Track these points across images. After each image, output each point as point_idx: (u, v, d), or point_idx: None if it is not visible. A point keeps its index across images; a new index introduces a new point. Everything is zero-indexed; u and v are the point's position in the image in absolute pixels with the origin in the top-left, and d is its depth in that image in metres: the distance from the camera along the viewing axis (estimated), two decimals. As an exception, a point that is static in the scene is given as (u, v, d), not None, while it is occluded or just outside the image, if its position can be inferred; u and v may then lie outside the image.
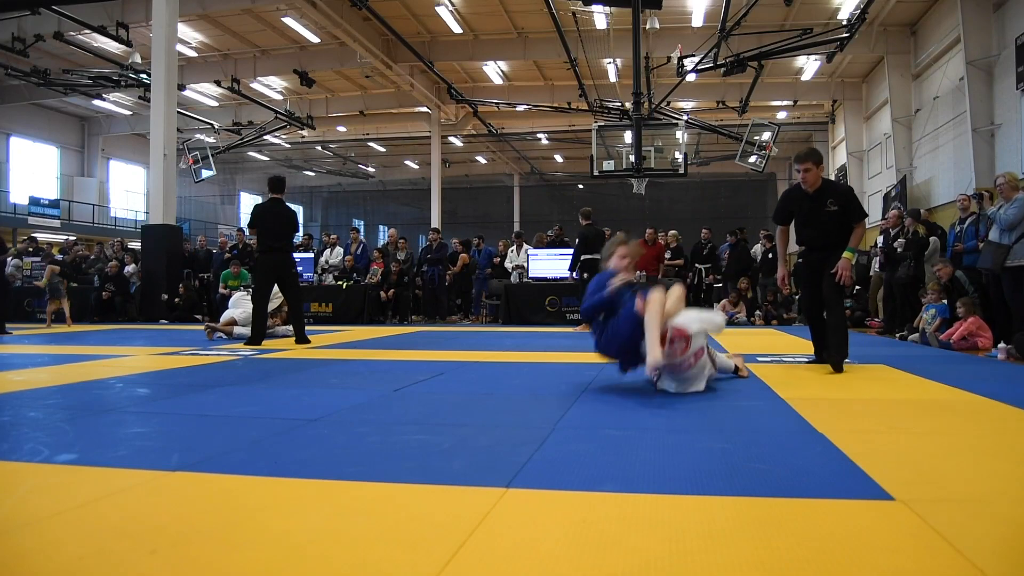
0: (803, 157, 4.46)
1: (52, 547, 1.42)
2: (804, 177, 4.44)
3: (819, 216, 4.43)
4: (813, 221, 4.49)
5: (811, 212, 4.48)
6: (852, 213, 4.43)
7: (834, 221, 4.42)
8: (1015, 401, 3.13)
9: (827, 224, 4.43)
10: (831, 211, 4.40)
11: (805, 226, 4.58)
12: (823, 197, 4.43)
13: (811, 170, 4.42)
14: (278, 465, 2.08)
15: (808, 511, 1.62)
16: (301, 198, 31.44)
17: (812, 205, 4.47)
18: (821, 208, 4.41)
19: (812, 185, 4.45)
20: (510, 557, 1.35)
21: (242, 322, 7.56)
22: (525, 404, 3.16)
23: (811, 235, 4.56)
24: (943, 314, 7.02)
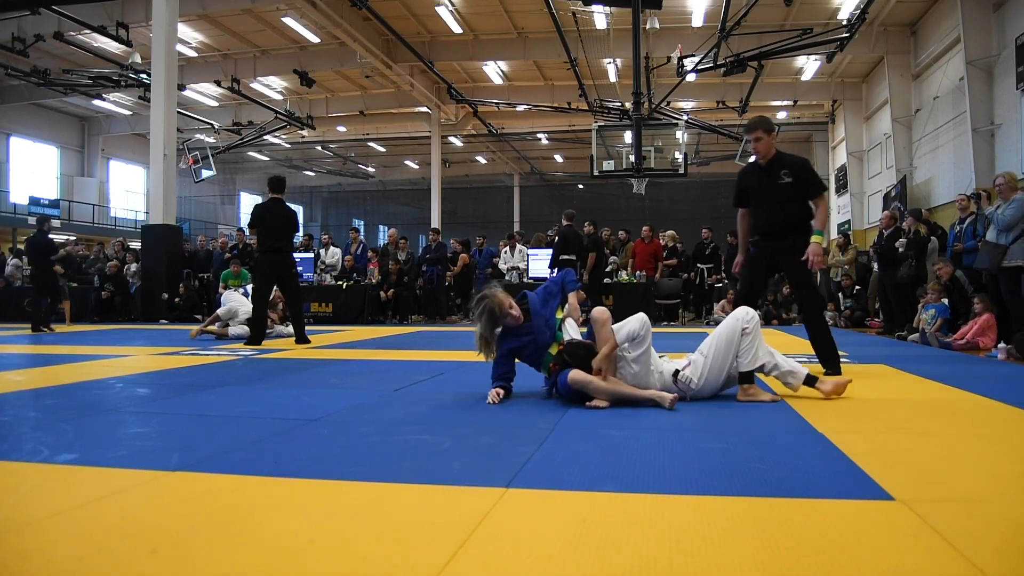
0: (753, 126, 4.16)
1: (52, 547, 1.42)
2: (756, 147, 4.15)
3: (773, 190, 4.12)
4: (767, 196, 4.16)
5: (764, 186, 4.16)
6: (808, 186, 4.12)
7: (788, 196, 4.10)
8: (1015, 401, 3.13)
9: (781, 199, 4.11)
10: (785, 183, 4.08)
11: (759, 204, 4.25)
12: (776, 168, 4.12)
13: (762, 139, 4.10)
14: (278, 465, 2.08)
15: (808, 511, 1.62)
16: (301, 198, 31.44)
17: (765, 178, 4.16)
18: (775, 181, 4.10)
19: (765, 155, 4.15)
20: (510, 557, 1.35)
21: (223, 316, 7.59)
22: (525, 404, 3.16)
23: (766, 213, 4.21)
24: (943, 314, 7.02)
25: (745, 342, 3.15)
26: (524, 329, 3.28)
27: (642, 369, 3.12)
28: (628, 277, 11.29)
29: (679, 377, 3.19)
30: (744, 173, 4.44)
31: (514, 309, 3.23)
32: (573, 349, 3.18)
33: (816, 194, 4.15)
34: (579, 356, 3.12)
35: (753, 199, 4.28)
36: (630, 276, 11.32)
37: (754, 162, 4.31)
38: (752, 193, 4.28)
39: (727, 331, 3.20)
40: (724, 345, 3.18)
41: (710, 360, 3.20)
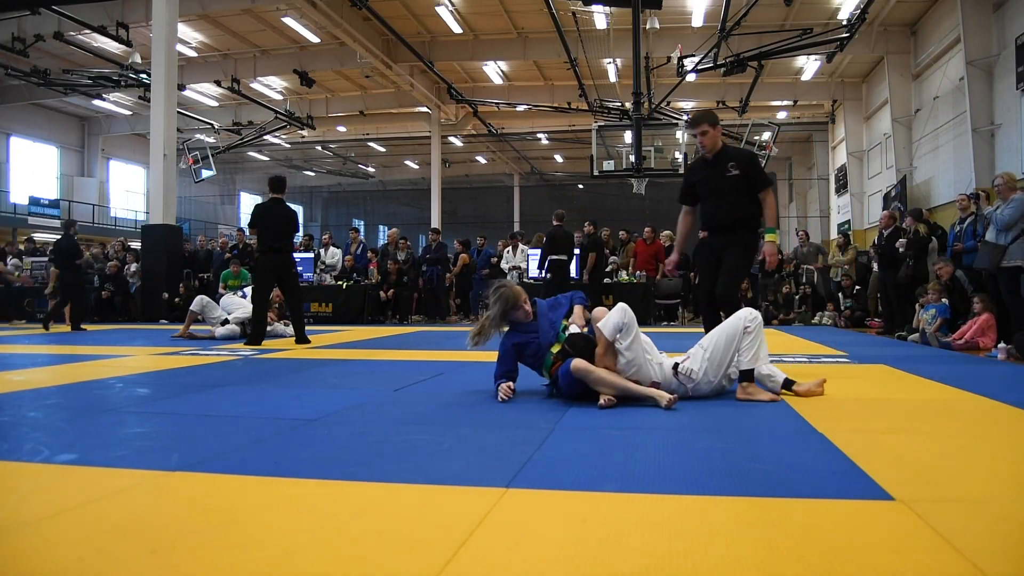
0: (697, 120, 4.12)
1: (52, 547, 1.42)
2: (702, 141, 4.12)
3: (721, 183, 4.10)
4: (715, 190, 4.15)
5: (712, 179, 4.14)
6: (755, 180, 4.10)
7: (736, 189, 4.08)
8: (1015, 401, 3.13)
9: (729, 193, 4.09)
10: (732, 175, 4.06)
11: (707, 198, 4.22)
12: (723, 161, 4.11)
13: (708, 132, 4.08)
14: (278, 465, 2.07)
15: (808, 511, 1.62)
16: (301, 198, 31.45)
17: (713, 171, 4.14)
18: (722, 173, 4.09)
19: (711, 149, 4.13)
20: (510, 557, 1.35)
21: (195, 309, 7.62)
22: (525, 404, 3.16)
23: (714, 207, 4.17)
24: (943, 314, 7.02)
25: (747, 340, 3.15)
26: (530, 327, 3.35)
27: (636, 357, 3.13)
28: (628, 277, 11.29)
29: (680, 370, 3.21)
30: (692, 168, 4.43)
31: (527, 304, 3.35)
32: (574, 340, 3.21)
33: (762, 187, 4.13)
34: (580, 347, 3.15)
35: (702, 193, 4.27)
36: (630, 276, 11.32)
37: (701, 156, 4.29)
38: (700, 187, 4.26)
39: (730, 328, 3.22)
40: (725, 341, 3.19)
41: (709, 353, 3.21)
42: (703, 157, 4.24)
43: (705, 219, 4.30)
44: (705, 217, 4.29)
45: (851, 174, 18.69)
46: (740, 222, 4.12)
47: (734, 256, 4.06)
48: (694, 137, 4.19)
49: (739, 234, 4.11)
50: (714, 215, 4.20)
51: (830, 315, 10.49)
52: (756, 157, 4.30)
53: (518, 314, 3.34)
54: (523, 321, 3.36)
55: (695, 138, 4.18)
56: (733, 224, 4.12)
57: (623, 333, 3.10)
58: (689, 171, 4.43)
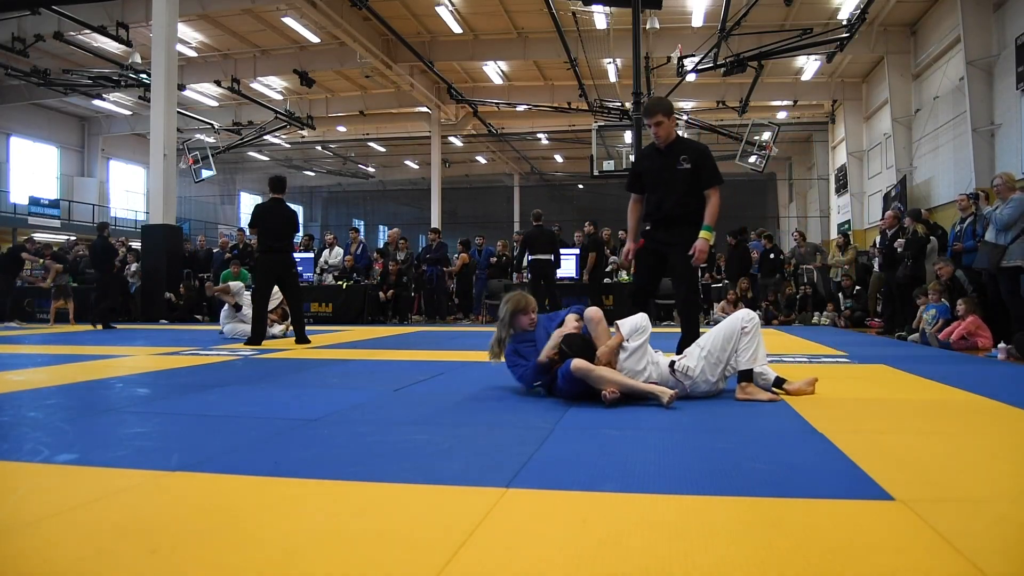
0: (652, 110, 3.99)
1: (52, 547, 1.42)
2: (657, 132, 4.00)
3: (671, 174, 4.01)
4: (663, 181, 4.05)
5: (662, 169, 4.05)
6: (705, 175, 4.00)
7: (686, 183, 3.99)
8: (1015, 401, 3.13)
9: (678, 185, 3.99)
10: (683, 169, 3.97)
11: (655, 188, 4.10)
12: (675, 153, 4.01)
13: (663, 123, 3.96)
14: (278, 465, 2.07)
15: (808, 511, 1.62)
16: (301, 198, 31.45)
17: (663, 161, 4.04)
18: (673, 165, 3.99)
19: (665, 139, 4.02)
20: (510, 557, 1.35)
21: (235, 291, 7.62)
22: (525, 404, 3.16)
23: (660, 199, 4.07)
24: (944, 314, 7.02)
25: (744, 340, 3.16)
26: (530, 336, 3.43)
27: (634, 360, 3.17)
28: (628, 277, 11.29)
29: (676, 367, 3.22)
30: (641, 156, 4.29)
31: (534, 313, 3.46)
32: (571, 340, 3.21)
33: (710, 183, 4.01)
34: (577, 346, 3.16)
35: (649, 184, 4.15)
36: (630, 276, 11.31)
37: (652, 145, 4.16)
38: (648, 177, 4.14)
39: (727, 327, 3.23)
40: (722, 341, 3.20)
41: (706, 352, 3.22)
42: (655, 146, 4.12)
43: (650, 210, 4.17)
44: (650, 208, 4.16)
45: (851, 174, 18.69)
46: (685, 216, 4.02)
47: (682, 260, 4.00)
48: (648, 127, 4.08)
49: (682, 231, 4.03)
50: (660, 206, 4.09)
51: (829, 315, 10.48)
52: (709, 152, 4.14)
53: (523, 320, 3.42)
54: (526, 329, 3.44)
55: (649, 128, 4.07)
56: (678, 218, 4.03)
57: (638, 334, 3.18)
58: (639, 158, 4.29)
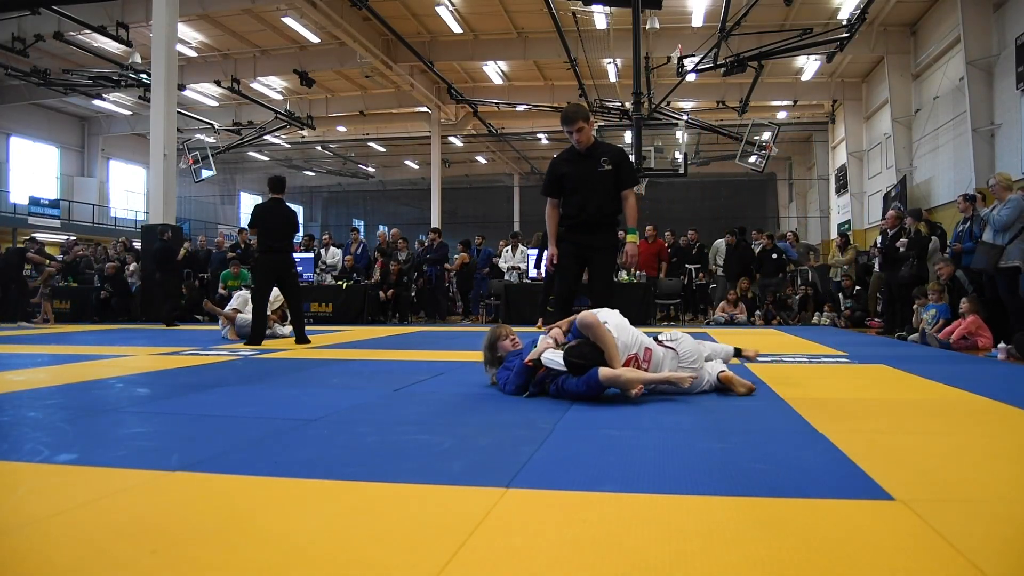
0: (573, 117, 4.08)
1: (52, 547, 1.42)
2: (579, 138, 4.09)
3: (592, 176, 4.09)
4: (586, 183, 4.12)
5: (584, 172, 4.11)
6: (625, 175, 4.13)
7: (607, 184, 4.10)
8: (1015, 401, 3.13)
9: (600, 187, 4.09)
10: (605, 170, 4.07)
11: (576, 191, 4.14)
12: (596, 155, 4.10)
13: (584, 129, 4.07)
14: (278, 465, 2.07)
15: (808, 511, 1.62)
16: (301, 198, 31.44)
17: (585, 164, 4.11)
18: (594, 167, 4.08)
19: (585, 143, 4.11)
20: (510, 557, 1.35)
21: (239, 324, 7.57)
22: (525, 404, 3.16)
23: (582, 200, 4.12)
24: (944, 314, 7.02)
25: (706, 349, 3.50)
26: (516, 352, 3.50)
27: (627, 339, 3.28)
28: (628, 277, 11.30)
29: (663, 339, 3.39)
30: (560, 160, 4.31)
31: (513, 337, 3.55)
32: (581, 350, 3.15)
33: (629, 184, 4.15)
34: (589, 355, 3.13)
35: (569, 187, 4.19)
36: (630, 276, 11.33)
37: (571, 149, 4.23)
38: (568, 181, 4.18)
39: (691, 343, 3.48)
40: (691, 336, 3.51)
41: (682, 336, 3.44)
42: (574, 150, 4.18)
43: (570, 213, 4.20)
44: (571, 211, 4.20)
45: (851, 174, 18.69)
46: (606, 218, 4.12)
47: (602, 262, 4.09)
48: (569, 134, 4.13)
49: (603, 235, 4.12)
50: (582, 209, 4.15)
51: (829, 315, 10.49)
52: (626, 154, 4.31)
53: (504, 344, 3.53)
54: (511, 350, 3.53)
55: (569, 135, 4.12)
56: (600, 220, 4.11)
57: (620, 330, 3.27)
58: (557, 163, 4.31)
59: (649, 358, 3.28)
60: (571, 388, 3.13)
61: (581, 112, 4.16)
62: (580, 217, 4.15)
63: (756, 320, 10.57)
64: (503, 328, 3.67)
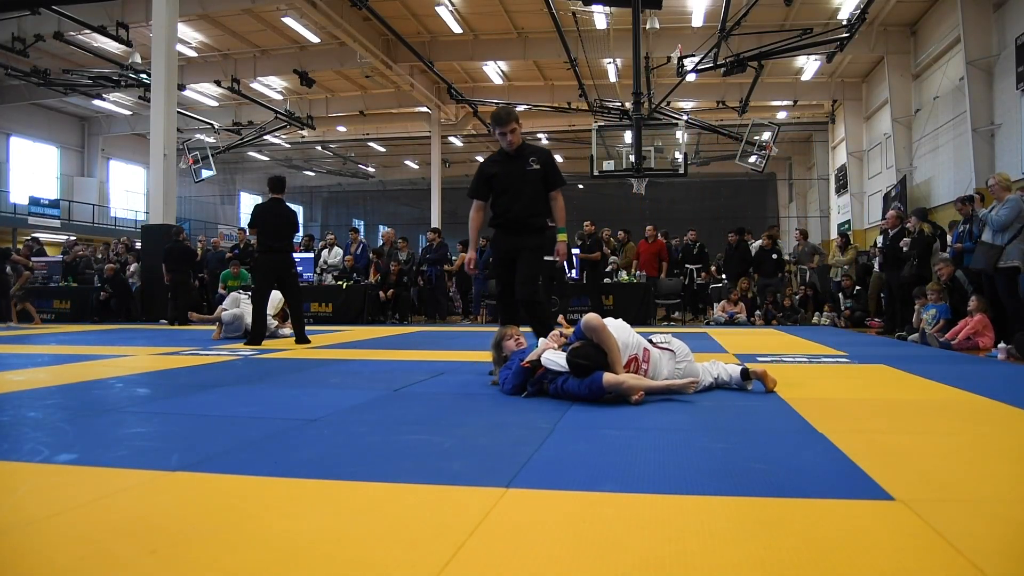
0: (507, 119, 4.14)
1: (52, 547, 1.42)
2: (511, 139, 4.15)
3: (522, 177, 4.16)
4: (515, 183, 4.18)
5: (513, 171, 4.18)
6: (553, 175, 4.22)
7: (536, 184, 4.17)
8: (1015, 401, 3.13)
9: (528, 187, 4.16)
10: (534, 170, 4.14)
11: (505, 191, 4.20)
12: (525, 156, 4.18)
13: (516, 130, 4.14)
14: (278, 465, 2.07)
15: (808, 511, 1.62)
16: (301, 198, 31.42)
17: (514, 165, 4.18)
18: (523, 167, 4.15)
19: (516, 145, 4.19)
20: (510, 557, 1.35)
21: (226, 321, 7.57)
22: (525, 404, 3.16)
23: (512, 200, 4.17)
24: (944, 314, 7.02)
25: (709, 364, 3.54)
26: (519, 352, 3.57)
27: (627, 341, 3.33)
28: (628, 277, 11.31)
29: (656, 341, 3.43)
30: (490, 162, 4.35)
31: (518, 337, 3.70)
32: (586, 351, 3.13)
33: (557, 184, 4.24)
34: (593, 356, 3.12)
35: (498, 188, 4.24)
36: (630, 276, 11.34)
37: (500, 151, 4.30)
38: (498, 181, 4.23)
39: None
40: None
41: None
42: (504, 152, 4.25)
43: (499, 213, 4.26)
44: (499, 211, 4.25)
45: (851, 174, 18.69)
46: (533, 218, 4.19)
47: (528, 261, 4.15)
48: (501, 136, 4.16)
49: (530, 236, 4.19)
50: (509, 209, 4.21)
51: (828, 316, 10.49)
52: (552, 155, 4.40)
53: (509, 344, 3.67)
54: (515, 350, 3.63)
55: (502, 136, 4.16)
56: (526, 220, 4.18)
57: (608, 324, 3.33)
58: (486, 165, 4.35)
59: (648, 358, 3.33)
60: (572, 389, 3.13)
61: (513, 114, 4.24)
62: (507, 216, 4.21)
63: (756, 320, 10.57)
64: (509, 328, 3.76)
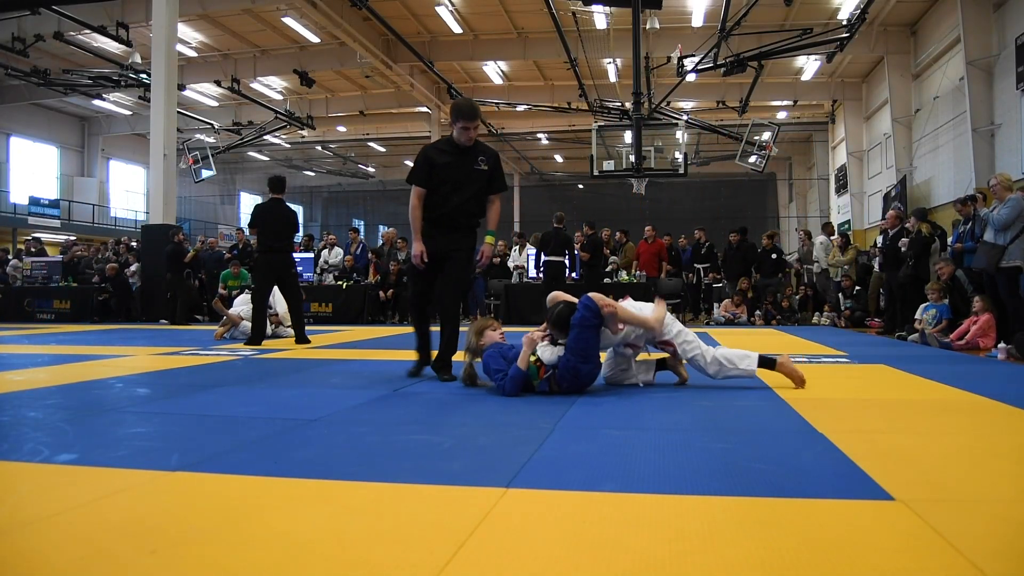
0: (474, 113, 4.01)
1: (52, 547, 1.42)
2: (471, 135, 4.01)
3: (467, 174, 4.03)
4: (460, 178, 4.02)
5: (461, 167, 4.01)
6: (498, 178, 4.12)
7: (480, 184, 4.05)
8: (1015, 401, 3.13)
9: (472, 186, 4.03)
10: (481, 170, 4.02)
11: (446, 182, 4.01)
12: (475, 153, 4.03)
13: (478, 127, 4.05)
14: (278, 465, 2.07)
15: (808, 511, 1.62)
16: (301, 198, 31.42)
17: (463, 160, 4.01)
18: (471, 164, 4.01)
19: (470, 142, 4.04)
20: (510, 557, 1.35)
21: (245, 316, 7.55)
22: (525, 404, 3.16)
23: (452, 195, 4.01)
24: (944, 314, 7.02)
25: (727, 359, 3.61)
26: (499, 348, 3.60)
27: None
28: (628, 277, 11.31)
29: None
30: (437, 150, 4.11)
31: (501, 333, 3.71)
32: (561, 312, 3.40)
33: (500, 189, 4.15)
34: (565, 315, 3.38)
35: (442, 178, 4.02)
36: (630, 276, 11.34)
37: (450, 141, 4.08)
38: (444, 172, 4.01)
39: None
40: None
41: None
42: (453, 143, 4.06)
43: (434, 206, 4.03)
44: (435, 204, 4.03)
45: (851, 174, 18.68)
46: (466, 218, 4.08)
47: (460, 264, 4.04)
48: (463, 130, 3.98)
49: (461, 236, 4.07)
50: (446, 203, 4.02)
51: (828, 316, 10.49)
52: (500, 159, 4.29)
53: (491, 335, 3.67)
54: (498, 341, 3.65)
55: (464, 131, 3.99)
56: (459, 218, 4.05)
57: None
58: (433, 152, 4.09)
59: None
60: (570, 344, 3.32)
61: (478, 109, 4.12)
62: (443, 210, 4.02)
63: (756, 320, 10.57)
64: (487, 320, 3.81)
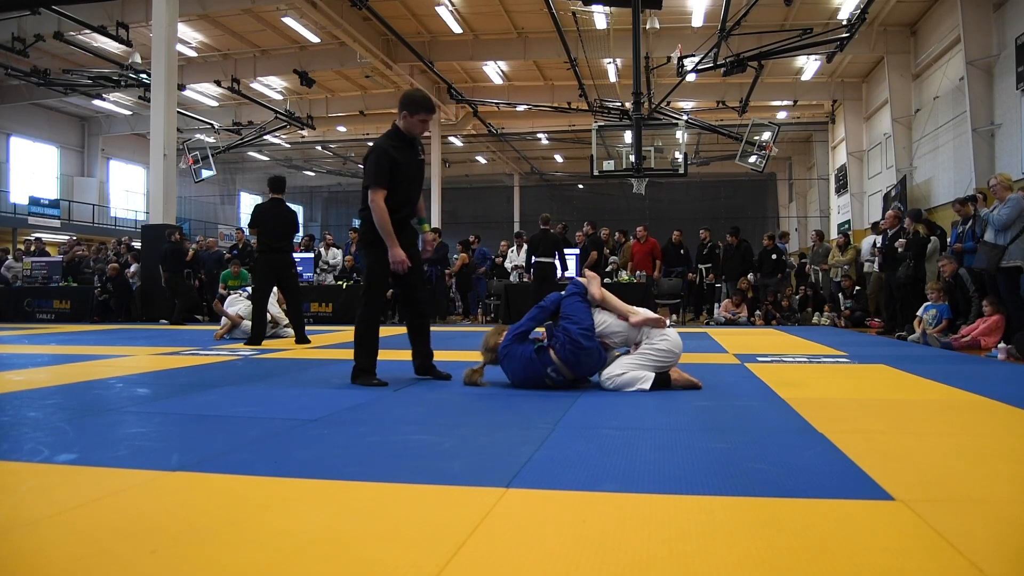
0: (433, 106, 3.99)
1: (52, 547, 1.42)
2: (425, 128, 3.98)
3: (419, 168, 4.05)
4: (415, 174, 4.02)
5: (413, 162, 3.97)
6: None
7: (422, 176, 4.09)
8: (1015, 401, 3.13)
9: (419, 178, 4.06)
10: (423, 160, 4.05)
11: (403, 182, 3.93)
12: (418, 146, 4.01)
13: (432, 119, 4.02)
14: (278, 465, 2.07)
15: (808, 511, 1.62)
16: (301, 198, 31.43)
17: (411, 152, 3.94)
18: (417, 157, 4.01)
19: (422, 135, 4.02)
20: (510, 557, 1.35)
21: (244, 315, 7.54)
22: (525, 404, 3.16)
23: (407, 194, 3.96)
24: (945, 314, 7.02)
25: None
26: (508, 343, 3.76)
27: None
28: (628, 277, 11.31)
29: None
30: (392, 147, 3.91)
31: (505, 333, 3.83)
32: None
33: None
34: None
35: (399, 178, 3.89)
36: (630, 276, 11.34)
37: (397, 134, 3.95)
38: (403, 171, 3.90)
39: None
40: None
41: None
42: (401, 136, 3.94)
43: (396, 203, 3.89)
44: (398, 204, 3.91)
45: (851, 174, 18.68)
46: (413, 215, 4.07)
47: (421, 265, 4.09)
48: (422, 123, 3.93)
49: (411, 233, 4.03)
50: (407, 202, 3.97)
51: (828, 316, 10.49)
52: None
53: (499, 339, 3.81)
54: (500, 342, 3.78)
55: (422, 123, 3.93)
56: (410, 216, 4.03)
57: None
58: (390, 149, 3.89)
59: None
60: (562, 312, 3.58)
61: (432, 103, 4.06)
62: (404, 210, 3.95)
63: (756, 320, 10.57)
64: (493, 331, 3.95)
